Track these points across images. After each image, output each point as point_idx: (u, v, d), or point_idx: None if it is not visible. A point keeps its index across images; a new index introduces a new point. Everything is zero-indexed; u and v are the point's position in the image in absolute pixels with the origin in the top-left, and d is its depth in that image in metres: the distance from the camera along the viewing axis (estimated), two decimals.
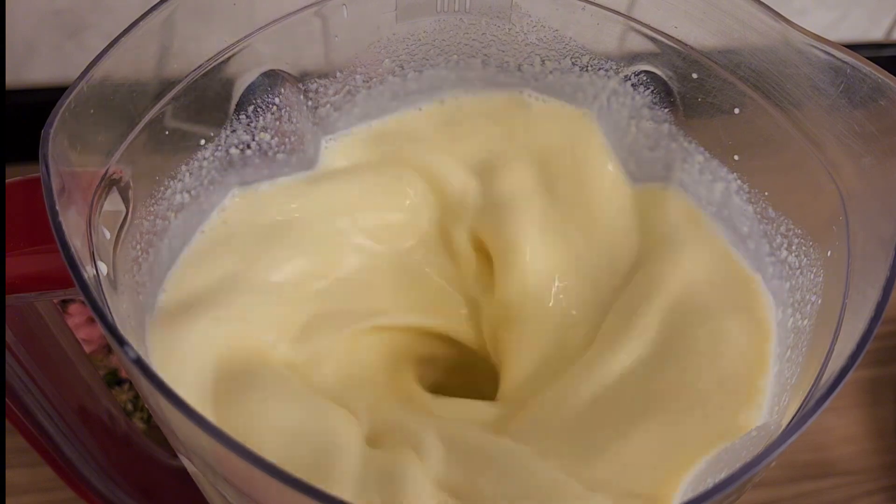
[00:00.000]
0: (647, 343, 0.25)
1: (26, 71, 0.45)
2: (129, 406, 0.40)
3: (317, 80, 0.28)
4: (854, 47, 0.22)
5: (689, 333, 0.25)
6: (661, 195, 0.28)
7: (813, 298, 0.23)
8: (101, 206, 0.22)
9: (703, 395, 0.23)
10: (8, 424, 0.28)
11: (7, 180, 0.22)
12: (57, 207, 0.18)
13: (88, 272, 0.19)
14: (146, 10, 0.23)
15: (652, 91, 0.27)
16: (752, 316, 0.25)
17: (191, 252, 0.26)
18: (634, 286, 0.26)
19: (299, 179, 0.28)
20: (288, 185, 0.28)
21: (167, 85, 0.24)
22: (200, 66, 0.25)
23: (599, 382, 0.25)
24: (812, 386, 0.20)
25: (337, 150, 0.29)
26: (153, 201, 0.25)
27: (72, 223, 0.19)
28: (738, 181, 0.26)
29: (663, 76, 0.27)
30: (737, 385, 0.23)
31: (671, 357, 0.24)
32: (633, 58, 0.27)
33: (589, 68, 0.28)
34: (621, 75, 0.28)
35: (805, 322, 0.23)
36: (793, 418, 0.20)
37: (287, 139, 0.27)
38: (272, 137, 0.27)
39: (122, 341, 0.17)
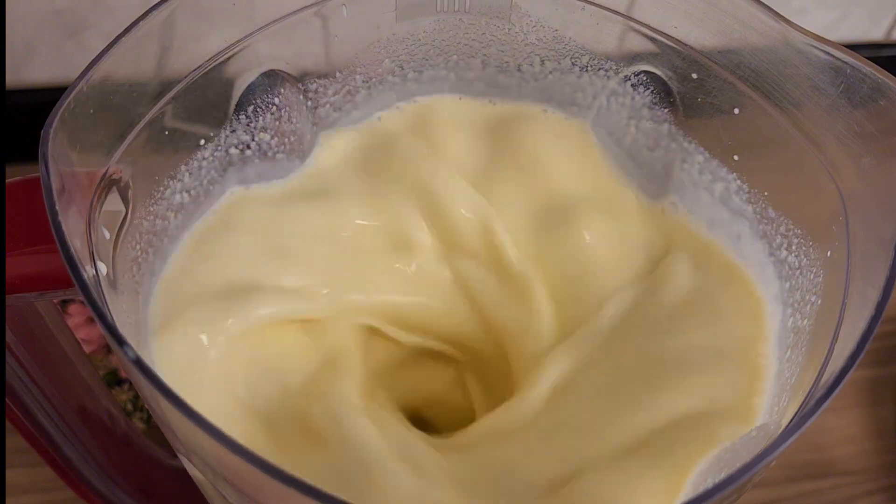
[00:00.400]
0: (647, 344, 0.25)
1: (26, 71, 0.45)
2: (129, 406, 0.40)
3: (316, 80, 0.28)
4: (854, 47, 0.22)
5: (689, 334, 0.25)
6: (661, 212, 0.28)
7: (813, 298, 0.23)
8: (101, 206, 0.22)
9: (703, 395, 0.23)
10: (8, 424, 0.28)
11: (7, 180, 0.22)
12: (57, 207, 0.18)
13: (88, 272, 0.19)
14: (146, 10, 0.23)
15: (652, 91, 0.27)
16: (751, 316, 0.25)
17: (189, 251, 0.26)
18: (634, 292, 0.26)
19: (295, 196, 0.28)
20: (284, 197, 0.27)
21: (167, 85, 0.24)
22: (200, 66, 0.25)
23: (598, 384, 0.25)
24: (812, 386, 0.20)
25: (331, 145, 0.29)
26: (153, 201, 0.25)
27: (71, 223, 0.19)
28: (738, 181, 0.26)
29: (663, 76, 0.27)
30: (736, 385, 0.23)
31: (670, 357, 0.24)
32: (633, 58, 0.27)
33: (589, 68, 0.28)
34: (621, 75, 0.28)
35: (805, 322, 0.23)
36: (793, 418, 0.20)
37: (287, 139, 0.27)
38: (272, 137, 0.27)
39: (121, 341, 0.17)
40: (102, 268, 0.21)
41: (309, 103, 0.28)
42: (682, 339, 0.25)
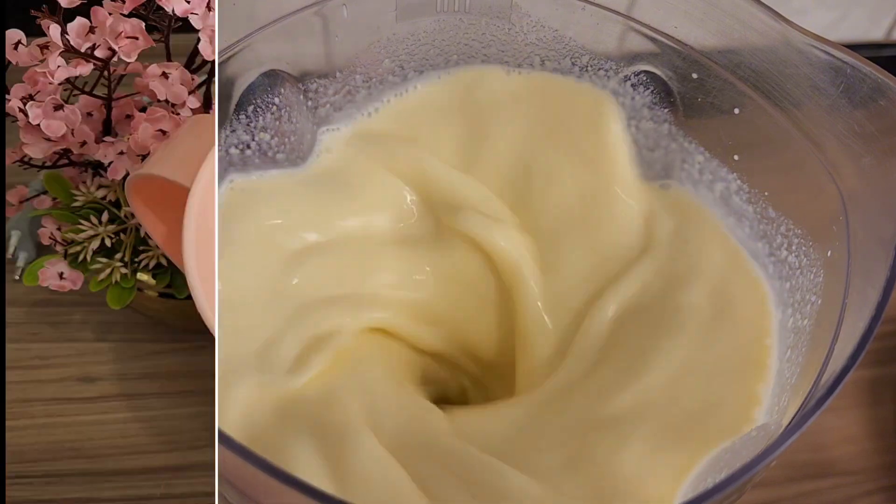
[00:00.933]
0: (647, 342, 0.25)
1: None
2: None
3: (317, 80, 0.28)
4: (854, 47, 0.22)
5: (690, 333, 0.25)
6: (667, 194, 0.28)
7: (813, 298, 0.23)
8: None
9: (703, 396, 0.23)
10: None
11: None
12: None
13: None
14: None
15: (652, 91, 0.27)
16: (752, 316, 0.25)
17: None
18: (649, 280, 0.26)
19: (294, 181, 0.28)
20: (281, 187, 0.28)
21: None
22: None
23: (599, 384, 0.25)
24: (812, 386, 0.20)
25: (332, 140, 0.29)
26: None
27: None
28: (738, 181, 0.26)
29: (663, 76, 0.27)
30: (737, 385, 0.23)
31: (670, 357, 0.24)
32: (633, 58, 0.27)
33: (589, 68, 0.28)
34: (621, 75, 0.28)
35: (805, 322, 0.23)
36: (793, 418, 0.20)
37: (287, 139, 0.27)
38: (272, 137, 0.27)
39: None
40: None
41: (309, 103, 0.28)
42: (688, 336, 0.25)
